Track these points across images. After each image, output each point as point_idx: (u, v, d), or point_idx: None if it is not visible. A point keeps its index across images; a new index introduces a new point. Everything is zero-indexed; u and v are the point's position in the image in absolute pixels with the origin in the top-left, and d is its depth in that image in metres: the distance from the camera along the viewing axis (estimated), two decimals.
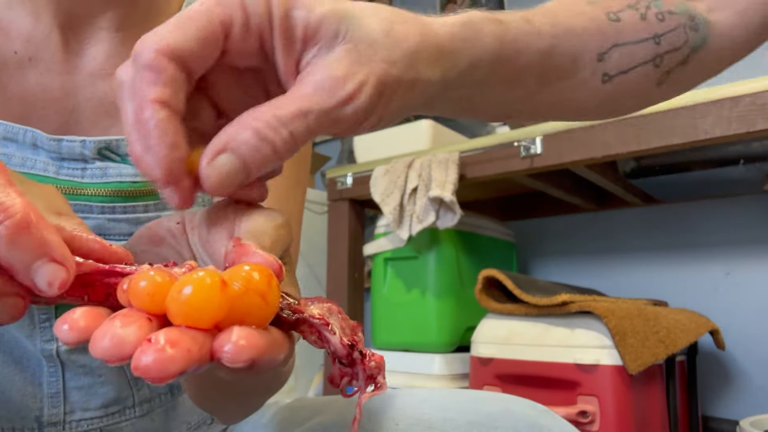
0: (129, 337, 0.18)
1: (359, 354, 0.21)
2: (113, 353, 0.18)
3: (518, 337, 1.07)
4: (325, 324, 0.21)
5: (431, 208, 1.16)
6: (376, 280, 1.42)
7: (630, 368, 0.93)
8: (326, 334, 0.21)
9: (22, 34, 0.41)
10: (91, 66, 0.43)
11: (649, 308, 1.09)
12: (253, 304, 0.19)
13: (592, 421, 0.95)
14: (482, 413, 0.39)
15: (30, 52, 0.42)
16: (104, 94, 0.44)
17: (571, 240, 1.69)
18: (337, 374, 0.22)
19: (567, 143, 1.07)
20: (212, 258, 0.26)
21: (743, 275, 1.40)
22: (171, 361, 0.17)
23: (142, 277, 0.19)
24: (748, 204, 1.40)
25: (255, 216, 0.25)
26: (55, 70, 0.42)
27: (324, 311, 0.22)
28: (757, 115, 0.89)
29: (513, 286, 1.06)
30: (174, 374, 0.17)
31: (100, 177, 0.42)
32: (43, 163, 0.41)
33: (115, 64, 0.44)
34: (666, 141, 0.96)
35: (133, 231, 0.43)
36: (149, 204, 0.44)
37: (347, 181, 1.38)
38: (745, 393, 1.38)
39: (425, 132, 1.38)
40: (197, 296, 0.18)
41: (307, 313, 0.21)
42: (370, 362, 0.21)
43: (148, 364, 0.17)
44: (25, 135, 0.40)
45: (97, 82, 0.44)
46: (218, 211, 0.26)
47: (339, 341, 0.21)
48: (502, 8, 1.96)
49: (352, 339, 0.21)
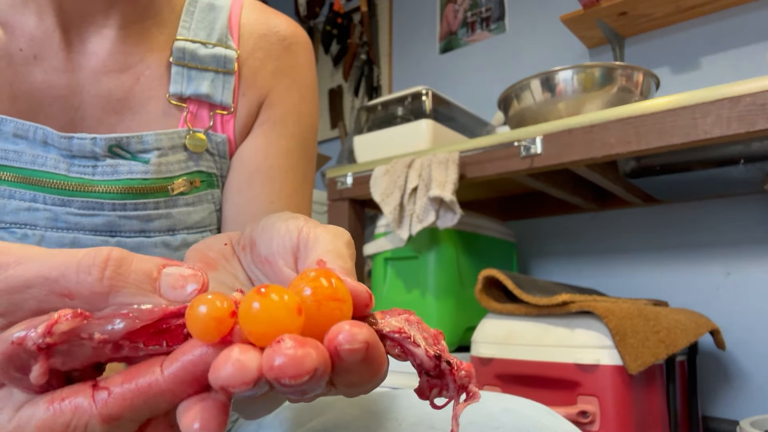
0: (250, 363, 0.17)
1: (447, 364, 0.20)
2: (237, 378, 0.17)
3: (518, 337, 1.07)
4: (406, 337, 0.20)
5: (431, 208, 1.16)
6: (376, 279, 1.42)
7: (630, 368, 0.93)
8: (409, 347, 0.20)
9: (26, 32, 0.42)
10: (94, 63, 0.44)
11: (649, 308, 1.08)
12: (334, 313, 0.19)
13: (592, 421, 0.95)
14: (483, 413, 0.39)
15: (35, 50, 0.42)
16: (109, 92, 0.44)
17: (571, 240, 1.69)
18: (425, 386, 0.21)
19: (567, 143, 1.06)
20: (273, 278, 0.25)
21: (744, 275, 1.40)
22: (307, 356, 0.17)
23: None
24: (749, 204, 1.40)
25: (322, 233, 0.24)
26: (59, 68, 0.43)
27: (402, 323, 0.21)
28: (758, 114, 0.89)
29: (513, 286, 1.06)
30: (310, 370, 0.17)
31: (110, 174, 0.42)
32: (54, 161, 0.41)
33: (118, 60, 0.45)
34: (666, 141, 0.96)
35: (144, 227, 0.44)
36: (160, 201, 0.44)
37: (347, 180, 1.38)
38: (745, 393, 1.38)
39: (425, 132, 1.38)
40: (269, 318, 0.18)
41: (387, 328, 0.21)
42: (460, 371, 0.20)
43: (282, 363, 0.17)
44: (35, 132, 0.41)
45: (102, 79, 0.44)
46: (273, 228, 0.25)
47: (424, 353, 0.20)
48: (503, 8, 1.96)
49: (437, 349, 0.21)
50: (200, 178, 0.47)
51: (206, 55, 0.48)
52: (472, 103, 1.79)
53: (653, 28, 1.61)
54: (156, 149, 0.44)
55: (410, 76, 2.21)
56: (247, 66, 0.50)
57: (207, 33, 0.49)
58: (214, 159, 0.47)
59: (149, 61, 0.46)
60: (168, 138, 0.45)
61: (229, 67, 0.48)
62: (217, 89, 0.48)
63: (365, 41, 2.33)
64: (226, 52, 0.48)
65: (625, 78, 1.17)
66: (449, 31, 2.10)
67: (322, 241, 0.23)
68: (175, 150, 0.45)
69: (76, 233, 0.42)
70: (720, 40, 1.51)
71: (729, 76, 1.45)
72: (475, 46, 2.02)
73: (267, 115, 0.50)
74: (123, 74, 0.45)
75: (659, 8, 1.52)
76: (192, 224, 0.46)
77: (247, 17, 0.51)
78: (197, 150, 0.46)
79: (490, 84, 1.92)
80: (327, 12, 2.47)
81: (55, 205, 0.41)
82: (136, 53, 0.46)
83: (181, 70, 0.47)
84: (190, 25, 0.48)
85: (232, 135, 0.49)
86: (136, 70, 0.45)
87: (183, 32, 0.48)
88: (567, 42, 1.76)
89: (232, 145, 0.49)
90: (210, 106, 0.48)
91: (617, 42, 1.61)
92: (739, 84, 0.91)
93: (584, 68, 1.18)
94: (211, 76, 0.48)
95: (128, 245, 0.43)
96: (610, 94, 1.16)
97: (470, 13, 2.05)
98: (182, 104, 0.46)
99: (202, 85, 0.47)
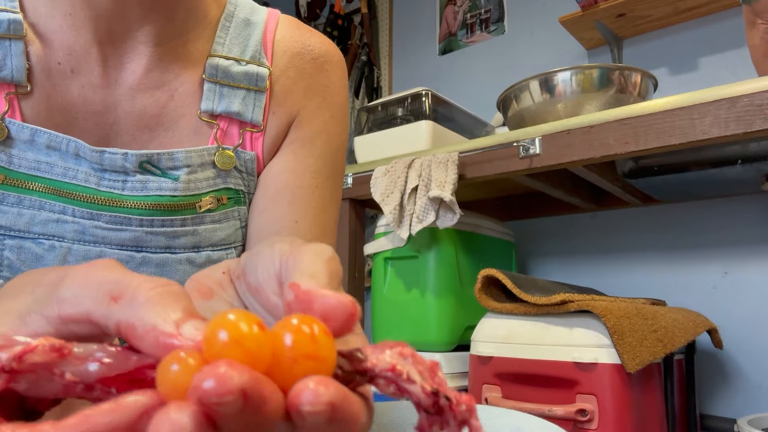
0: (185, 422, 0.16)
1: (446, 399, 0.19)
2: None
3: (517, 336, 1.07)
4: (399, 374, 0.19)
5: (431, 208, 1.17)
6: (376, 279, 1.42)
7: (628, 367, 0.93)
8: (404, 385, 0.19)
9: (64, 46, 0.42)
10: (130, 80, 0.44)
11: (647, 307, 1.09)
12: (309, 372, 0.17)
13: (590, 419, 0.95)
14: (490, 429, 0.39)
15: (72, 64, 0.42)
16: (144, 108, 0.44)
17: (570, 239, 1.70)
18: (426, 423, 0.20)
19: (566, 143, 1.07)
20: (264, 307, 0.25)
21: (741, 275, 1.41)
22: (229, 377, 0.15)
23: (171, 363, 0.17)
24: (746, 204, 1.41)
25: (302, 255, 0.23)
26: (95, 83, 0.43)
27: (395, 359, 0.19)
28: (755, 115, 0.89)
29: (512, 285, 1.07)
30: (234, 389, 0.15)
31: (140, 190, 0.42)
32: (85, 174, 0.41)
33: (154, 78, 0.44)
34: (664, 141, 0.97)
35: (170, 244, 0.44)
36: (187, 218, 0.44)
37: (347, 180, 1.39)
38: (742, 391, 1.38)
39: (425, 132, 1.39)
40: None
41: (379, 366, 0.19)
42: (460, 406, 0.19)
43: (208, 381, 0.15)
44: (68, 145, 0.41)
45: (137, 96, 0.44)
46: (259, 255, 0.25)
47: (421, 390, 0.19)
48: (502, 10, 1.97)
49: (433, 384, 0.19)
50: (227, 195, 0.46)
51: (239, 73, 0.47)
52: (471, 104, 1.80)
53: (651, 29, 1.62)
54: (186, 166, 0.44)
55: (410, 77, 2.21)
56: (279, 84, 0.49)
57: (241, 50, 0.48)
58: (242, 176, 0.47)
59: (184, 77, 0.46)
60: (198, 155, 0.45)
61: (261, 85, 0.48)
62: (248, 107, 0.47)
63: (365, 43, 2.34)
64: (258, 70, 0.48)
65: (624, 79, 1.18)
66: (449, 33, 2.11)
67: (300, 262, 0.22)
68: (204, 167, 0.45)
69: (102, 247, 0.42)
70: (718, 41, 1.52)
71: (727, 77, 1.46)
72: (474, 48, 2.03)
73: (296, 134, 0.50)
74: (158, 91, 0.45)
75: (657, 10, 1.53)
76: (217, 241, 0.46)
77: (282, 34, 0.51)
78: (226, 167, 0.46)
79: (489, 85, 1.93)
80: (327, 13, 2.47)
81: (84, 218, 0.41)
82: (171, 70, 0.45)
83: (213, 87, 0.46)
84: (225, 41, 0.48)
85: (261, 153, 0.48)
86: (170, 87, 0.45)
87: (217, 48, 0.47)
88: (566, 43, 1.77)
89: (261, 163, 0.49)
90: (240, 123, 0.47)
91: (616, 43, 1.61)
92: (737, 85, 0.91)
93: (583, 69, 1.18)
94: (243, 93, 0.47)
95: (153, 261, 0.43)
96: (608, 95, 1.17)
97: (470, 15, 2.05)
98: (213, 121, 0.46)
99: (233, 103, 0.47)
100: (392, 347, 0.20)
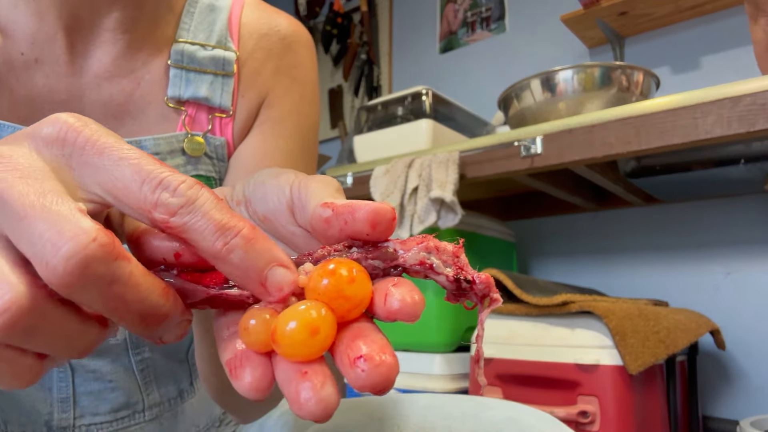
0: (332, 398, 0.19)
1: (467, 282, 0.23)
2: (325, 414, 0.19)
3: (518, 337, 1.07)
4: (429, 268, 0.23)
5: (432, 209, 1.16)
6: None
7: (630, 368, 0.93)
8: (432, 276, 0.23)
9: (27, 36, 0.41)
10: (96, 68, 0.43)
11: (649, 308, 1.08)
12: (342, 306, 0.21)
13: (592, 421, 0.95)
14: (486, 422, 0.39)
15: (36, 54, 0.41)
16: (110, 97, 0.43)
17: (572, 240, 1.69)
18: (452, 297, 0.24)
19: (567, 143, 1.06)
20: (275, 235, 0.26)
21: (744, 275, 1.40)
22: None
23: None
24: (749, 204, 1.40)
25: (313, 185, 0.24)
26: (60, 72, 0.42)
27: (422, 255, 0.23)
28: (758, 114, 0.88)
29: (513, 286, 1.06)
30: None
31: None
32: None
33: (120, 66, 0.44)
34: (666, 141, 0.96)
35: None
36: None
37: (347, 180, 1.38)
38: (745, 393, 1.38)
39: (425, 131, 1.38)
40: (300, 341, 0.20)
41: (408, 263, 0.23)
42: (479, 285, 0.23)
43: None
44: None
45: (103, 85, 0.43)
46: (265, 186, 0.26)
47: (446, 279, 0.23)
48: (503, 8, 1.96)
49: (456, 271, 0.23)
50: None
51: (205, 58, 0.47)
52: (472, 102, 1.79)
53: (653, 27, 1.61)
54: (155, 154, 0.43)
55: (410, 75, 2.20)
56: (246, 67, 0.49)
57: (206, 35, 0.48)
58: (212, 162, 0.47)
59: (151, 65, 0.45)
60: (166, 142, 0.44)
61: (228, 69, 0.48)
62: (216, 92, 0.47)
63: (365, 41, 2.33)
64: (225, 54, 0.48)
65: (625, 78, 1.17)
66: (449, 31, 2.10)
67: (314, 191, 0.24)
68: (174, 154, 0.45)
69: None
70: (720, 40, 1.51)
71: (729, 76, 1.45)
72: (475, 46, 2.02)
73: (266, 115, 0.49)
74: (124, 79, 0.44)
75: (659, 8, 1.52)
76: None
77: (248, 17, 0.51)
78: (195, 154, 0.45)
79: (490, 84, 1.92)
80: (327, 12, 2.46)
81: None
82: (138, 58, 0.45)
83: (179, 73, 0.46)
84: (190, 26, 0.48)
85: (231, 138, 0.48)
86: (137, 75, 0.45)
87: (182, 34, 0.47)
88: (567, 42, 1.76)
89: (231, 148, 0.48)
90: (209, 109, 0.47)
91: (617, 42, 1.61)
92: (740, 84, 0.91)
93: (584, 68, 1.17)
94: (210, 78, 0.47)
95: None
96: (610, 94, 1.16)
97: (470, 13, 2.04)
98: (181, 107, 0.46)
99: (200, 88, 0.46)
100: (419, 242, 0.23)
